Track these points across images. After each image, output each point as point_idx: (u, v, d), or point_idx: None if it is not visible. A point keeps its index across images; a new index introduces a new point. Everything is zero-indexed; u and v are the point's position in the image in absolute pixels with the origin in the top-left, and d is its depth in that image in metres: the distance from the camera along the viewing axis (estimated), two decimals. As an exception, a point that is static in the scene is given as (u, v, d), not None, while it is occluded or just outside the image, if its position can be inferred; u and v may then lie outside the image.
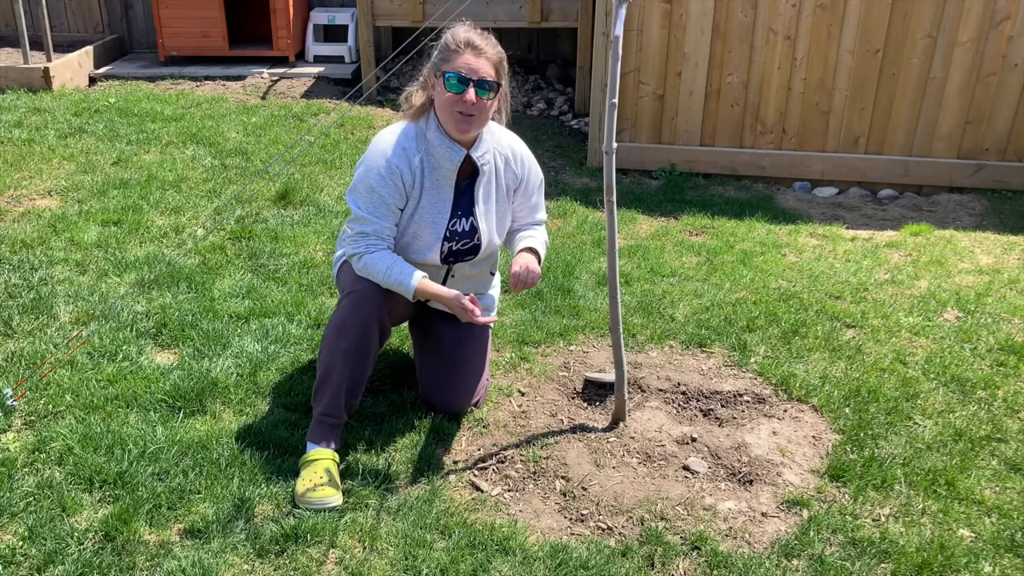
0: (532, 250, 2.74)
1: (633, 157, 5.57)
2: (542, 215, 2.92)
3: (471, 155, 2.63)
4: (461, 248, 2.73)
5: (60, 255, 3.83)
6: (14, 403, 2.75)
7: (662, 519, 2.43)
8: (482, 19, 6.32)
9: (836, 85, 5.27)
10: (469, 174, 2.69)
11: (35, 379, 2.89)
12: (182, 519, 2.35)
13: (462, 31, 2.54)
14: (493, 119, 2.68)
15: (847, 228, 4.77)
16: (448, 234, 2.68)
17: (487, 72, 2.51)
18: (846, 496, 2.55)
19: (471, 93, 2.50)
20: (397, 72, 7.19)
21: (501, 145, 2.74)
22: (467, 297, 2.56)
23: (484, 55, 2.51)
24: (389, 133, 2.64)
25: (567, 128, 6.61)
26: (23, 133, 5.50)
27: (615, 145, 2.46)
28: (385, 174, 2.57)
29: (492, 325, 3.10)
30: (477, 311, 2.54)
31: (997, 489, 2.59)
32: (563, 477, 2.60)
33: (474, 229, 2.72)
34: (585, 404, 2.98)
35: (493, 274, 3.01)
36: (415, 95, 2.65)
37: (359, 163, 2.64)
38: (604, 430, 2.81)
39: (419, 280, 2.56)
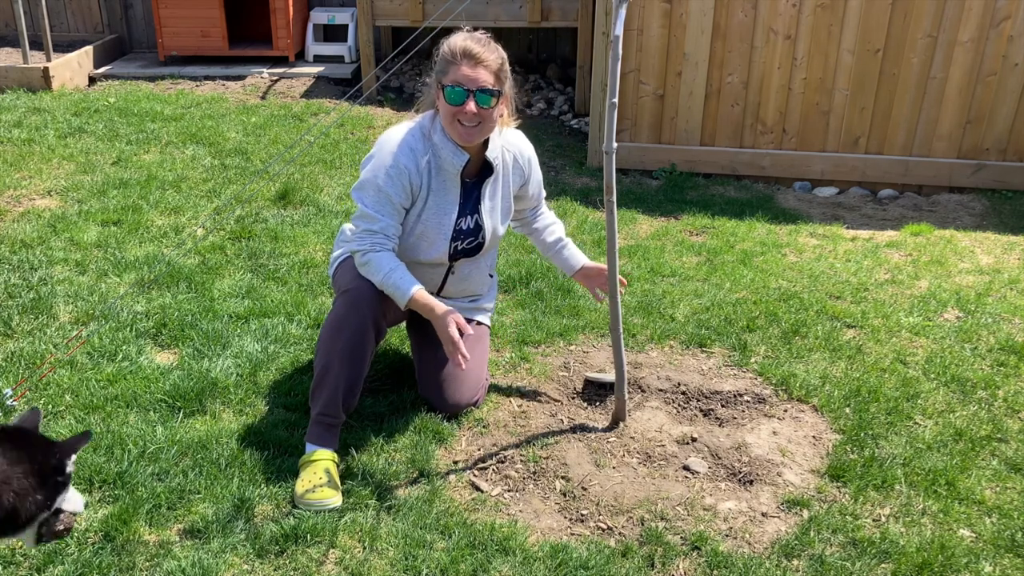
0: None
1: (633, 157, 5.57)
2: (543, 195, 3.01)
3: (486, 156, 2.64)
4: (467, 247, 2.75)
5: (60, 255, 3.83)
6: (14, 403, 2.75)
7: (662, 519, 2.42)
8: (482, 19, 6.32)
9: (836, 85, 5.26)
10: (477, 172, 2.69)
11: (35, 379, 2.89)
12: (182, 519, 2.34)
13: (459, 39, 2.49)
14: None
15: (847, 228, 4.77)
16: (454, 233, 2.68)
17: (487, 80, 2.47)
18: (846, 496, 2.55)
19: (471, 104, 2.47)
20: (397, 72, 7.19)
21: (508, 143, 2.74)
22: (454, 319, 2.50)
23: (483, 64, 2.47)
24: (396, 132, 2.62)
25: (567, 128, 6.61)
26: (23, 133, 5.50)
27: (615, 145, 2.45)
28: (393, 173, 2.55)
29: (490, 324, 3.10)
30: (461, 345, 2.48)
31: (997, 489, 2.59)
32: (563, 477, 2.59)
33: (479, 227, 2.73)
34: (585, 404, 2.97)
35: (492, 276, 3.01)
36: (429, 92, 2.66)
37: (366, 160, 2.62)
38: (604, 430, 2.81)
39: (417, 291, 2.54)
